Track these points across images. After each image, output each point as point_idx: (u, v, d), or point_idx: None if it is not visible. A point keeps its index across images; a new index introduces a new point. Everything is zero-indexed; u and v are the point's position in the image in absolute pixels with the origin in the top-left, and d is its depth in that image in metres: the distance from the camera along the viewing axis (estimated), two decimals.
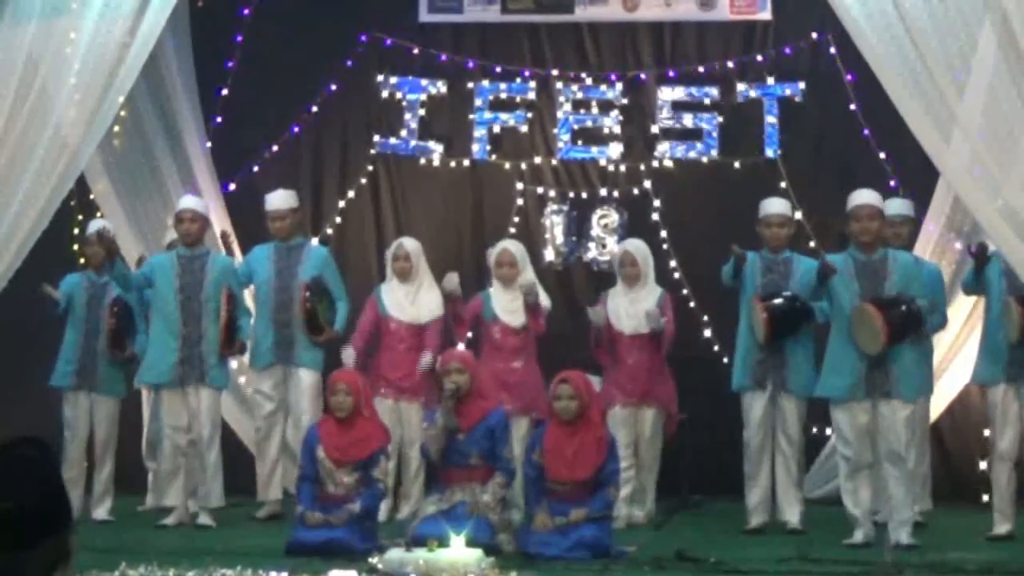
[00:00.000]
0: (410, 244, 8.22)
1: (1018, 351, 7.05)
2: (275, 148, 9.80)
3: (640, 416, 7.86)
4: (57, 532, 2.35)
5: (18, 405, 8.65)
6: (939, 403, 8.54)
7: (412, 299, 8.06)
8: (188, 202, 8.07)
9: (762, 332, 7.34)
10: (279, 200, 8.23)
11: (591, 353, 7.95)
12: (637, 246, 8.12)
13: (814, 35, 9.47)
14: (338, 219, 9.83)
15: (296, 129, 9.86)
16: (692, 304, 9.30)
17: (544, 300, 7.98)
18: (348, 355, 7.75)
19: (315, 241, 8.53)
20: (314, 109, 9.85)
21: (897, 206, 7.80)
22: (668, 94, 9.74)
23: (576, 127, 9.85)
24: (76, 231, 9.03)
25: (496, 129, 9.90)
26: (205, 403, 7.71)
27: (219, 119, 9.75)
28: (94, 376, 8.01)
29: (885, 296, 6.93)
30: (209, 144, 9.63)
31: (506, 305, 7.94)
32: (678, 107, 9.74)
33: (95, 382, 8.02)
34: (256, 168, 9.72)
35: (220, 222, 9.26)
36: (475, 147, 9.90)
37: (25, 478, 2.34)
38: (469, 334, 8.56)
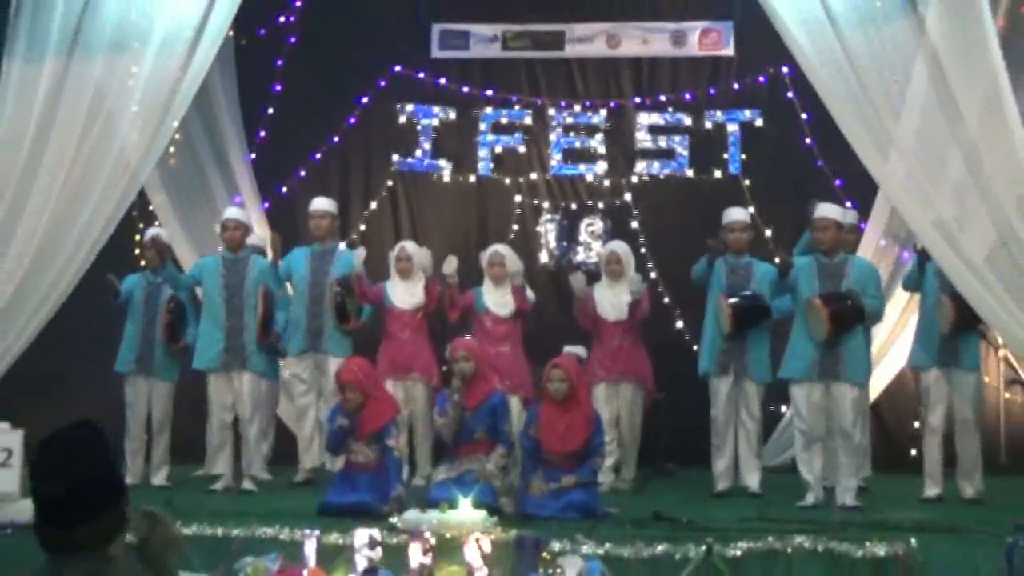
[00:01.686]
0: (411, 247, 8.25)
1: (948, 341, 7.08)
2: (309, 166, 9.81)
3: (620, 393, 7.88)
4: (110, 507, 2.36)
5: (87, 387, 8.67)
6: (878, 384, 8.57)
7: (412, 292, 8.08)
8: (231, 212, 8.09)
9: (727, 326, 7.34)
10: (323, 203, 8.27)
11: (576, 321, 7.96)
12: (621, 246, 8.14)
13: (771, 69, 9.48)
14: (362, 227, 9.85)
15: (326, 149, 9.87)
16: (667, 300, 9.31)
17: (529, 294, 8.11)
18: (358, 254, 7.94)
19: (342, 246, 8.52)
20: (341, 134, 9.87)
21: (848, 216, 7.79)
22: (646, 119, 9.76)
23: (566, 148, 9.87)
24: (137, 238, 9.04)
25: (498, 150, 9.93)
26: (247, 386, 7.71)
27: (262, 133, 9.75)
28: (151, 363, 8.05)
29: (833, 292, 6.95)
30: (253, 156, 9.65)
31: (496, 299, 7.99)
32: (654, 130, 9.76)
33: (152, 368, 8.05)
34: (292, 184, 9.73)
35: (262, 228, 9.28)
36: (480, 165, 9.92)
37: (78, 462, 2.33)
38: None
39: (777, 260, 7.19)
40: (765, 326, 7.55)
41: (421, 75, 9.93)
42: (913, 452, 8.33)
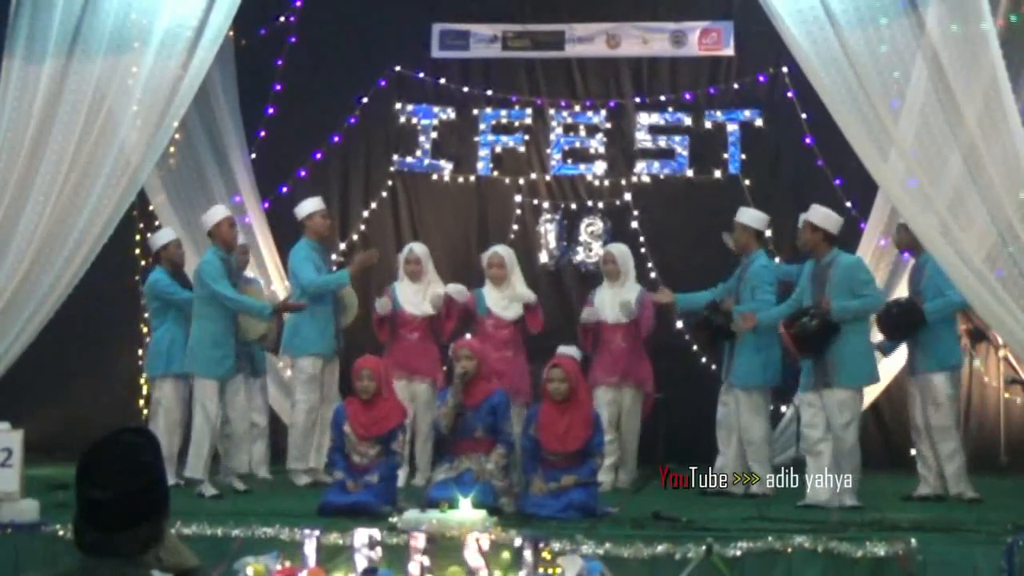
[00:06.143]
0: (419, 249, 8.24)
1: (923, 341, 7.17)
2: (309, 166, 9.82)
3: (621, 394, 7.88)
4: (154, 515, 2.35)
5: (86, 387, 8.69)
6: (878, 384, 8.45)
7: (422, 295, 8.07)
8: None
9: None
10: (320, 202, 8.18)
11: (579, 341, 7.96)
12: (619, 248, 8.17)
13: (771, 69, 9.52)
14: (362, 227, 9.88)
15: (326, 149, 9.89)
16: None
17: (530, 295, 8.12)
18: (383, 304, 7.91)
19: (342, 246, 8.52)
20: (341, 133, 9.88)
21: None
22: (645, 119, 9.79)
23: (566, 148, 9.90)
24: (137, 237, 9.05)
25: (498, 149, 9.95)
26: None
27: (262, 133, 9.76)
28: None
29: (800, 309, 7.01)
30: (253, 156, 9.65)
31: (497, 301, 7.99)
32: (654, 130, 9.79)
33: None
34: (293, 184, 9.72)
35: (262, 228, 9.31)
36: (480, 165, 9.95)
37: (129, 467, 2.32)
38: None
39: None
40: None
41: (421, 75, 9.95)
42: (912, 452, 8.31)
